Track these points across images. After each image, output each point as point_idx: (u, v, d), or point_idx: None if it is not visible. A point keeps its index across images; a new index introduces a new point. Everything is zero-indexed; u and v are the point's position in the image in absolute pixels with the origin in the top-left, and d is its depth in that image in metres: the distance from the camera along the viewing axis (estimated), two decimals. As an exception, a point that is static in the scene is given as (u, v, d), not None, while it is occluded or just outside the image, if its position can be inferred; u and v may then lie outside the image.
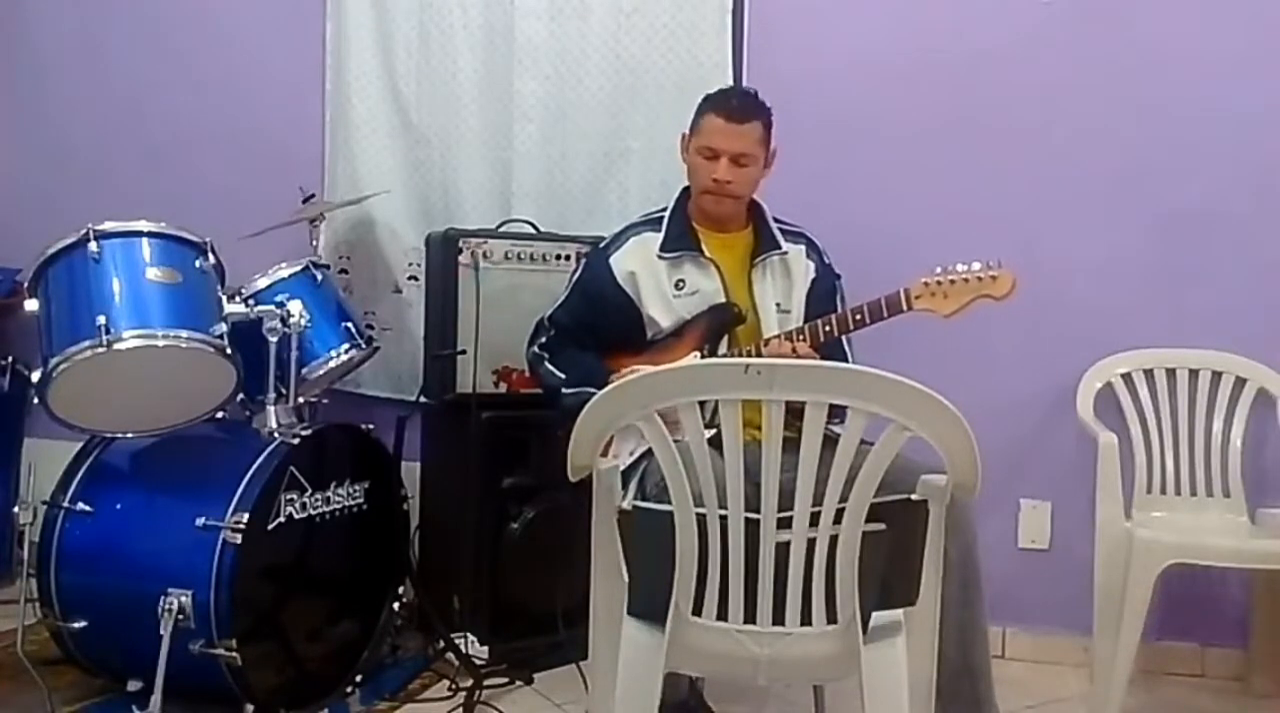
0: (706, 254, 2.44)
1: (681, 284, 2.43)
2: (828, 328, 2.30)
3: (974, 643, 2.16)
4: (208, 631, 2.28)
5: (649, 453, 2.08)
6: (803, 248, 2.51)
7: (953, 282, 2.25)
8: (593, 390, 1.81)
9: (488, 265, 2.88)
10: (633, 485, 2.16)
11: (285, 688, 2.46)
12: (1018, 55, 2.97)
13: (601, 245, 2.55)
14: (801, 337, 2.30)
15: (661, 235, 2.46)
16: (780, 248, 2.47)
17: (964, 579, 2.06)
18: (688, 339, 2.40)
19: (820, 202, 2.58)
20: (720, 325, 2.41)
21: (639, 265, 2.44)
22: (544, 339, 2.53)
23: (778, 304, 2.44)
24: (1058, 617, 2.96)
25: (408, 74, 3.31)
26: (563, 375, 2.44)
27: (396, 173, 3.32)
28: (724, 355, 2.37)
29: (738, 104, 2.44)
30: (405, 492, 2.77)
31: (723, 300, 2.41)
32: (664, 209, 2.53)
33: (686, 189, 2.52)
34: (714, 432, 1.62)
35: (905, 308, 2.26)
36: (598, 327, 2.49)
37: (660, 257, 2.44)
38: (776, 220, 2.52)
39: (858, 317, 2.29)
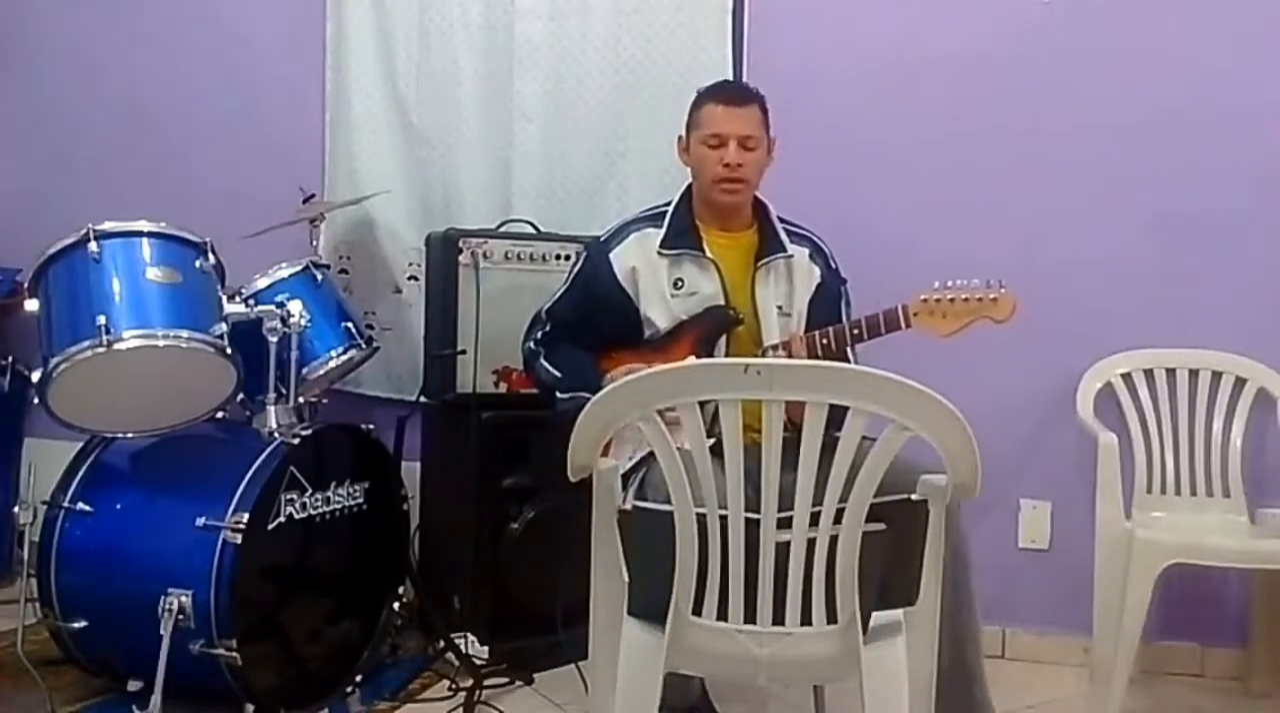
0: (708, 254, 2.41)
1: (680, 283, 2.40)
2: (825, 341, 2.29)
3: (966, 644, 2.17)
4: (208, 631, 2.28)
5: (649, 458, 2.08)
6: (808, 251, 2.47)
7: (952, 300, 2.23)
8: (587, 396, 1.80)
9: (488, 265, 2.88)
10: (631, 490, 2.15)
11: (285, 688, 2.46)
12: (1017, 55, 2.98)
13: (602, 239, 2.51)
14: (800, 343, 2.29)
15: (663, 232, 2.43)
16: (785, 251, 2.43)
17: (955, 581, 2.05)
18: (684, 341, 2.38)
19: (819, 202, 2.58)
20: (717, 328, 2.38)
21: (640, 262, 2.42)
22: (540, 333, 2.50)
23: (779, 307, 2.41)
24: (1058, 617, 2.96)
25: (408, 74, 3.31)
26: (558, 375, 2.42)
27: (396, 173, 3.32)
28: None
29: (733, 89, 2.46)
30: (405, 492, 2.76)
31: (720, 303, 2.39)
32: (667, 204, 2.49)
33: (689, 187, 2.49)
34: (714, 441, 1.61)
35: (904, 325, 2.25)
36: (596, 322, 2.46)
37: (660, 253, 2.41)
38: (782, 220, 2.48)
39: (855, 331, 2.28)
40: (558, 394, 2.39)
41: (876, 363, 2.17)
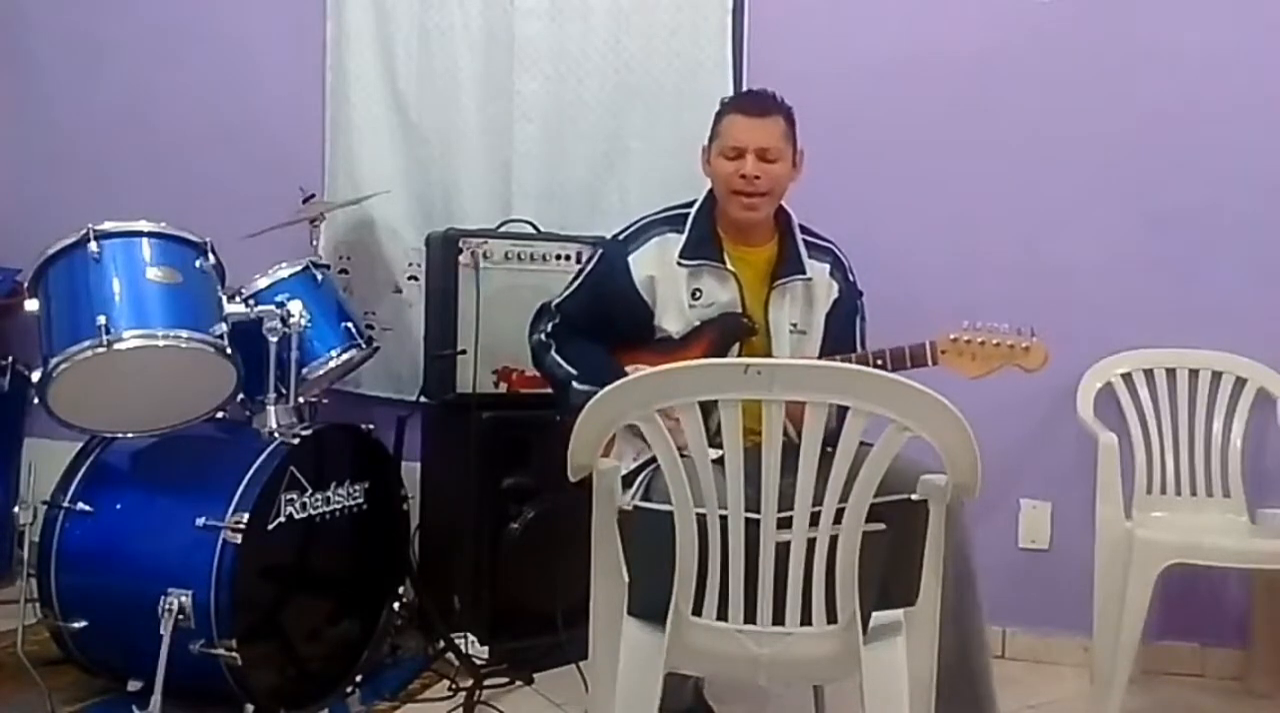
0: (728, 266, 2.37)
1: (698, 294, 2.36)
2: None
3: (971, 646, 2.16)
4: (208, 631, 2.28)
5: (651, 462, 2.08)
6: (827, 266, 2.43)
7: (982, 343, 2.20)
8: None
9: (488, 265, 2.88)
10: (638, 491, 2.14)
11: (285, 688, 2.46)
12: (1017, 55, 2.98)
13: (620, 238, 2.45)
14: None
15: (683, 239, 2.38)
16: (803, 272, 2.38)
17: (959, 582, 2.04)
18: (697, 346, 2.36)
19: (819, 202, 2.57)
20: (731, 335, 2.35)
21: (659, 271, 2.37)
22: (549, 326, 2.46)
23: (793, 325, 2.37)
24: (1058, 617, 2.96)
25: (408, 74, 3.31)
26: (573, 370, 2.38)
27: (396, 173, 3.32)
28: None
29: (756, 99, 2.41)
30: (405, 492, 2.77)
31: (737, 311, 2.36)
32: (688, 206, 2.43)
33: (712, 193, 2.44)
34: (719, 454, 1.61)
35: (930, 362, 2.21)
36: (606, 321, 2.42)
37: (680, 263, 2.36)
38: (804, 230, 2.44)
39: (879, 362, 2.23)
40: (573, 385, 2.35)
41: (876, 363, 2.17)
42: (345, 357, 2.73)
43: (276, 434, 2.49)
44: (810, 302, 2.41)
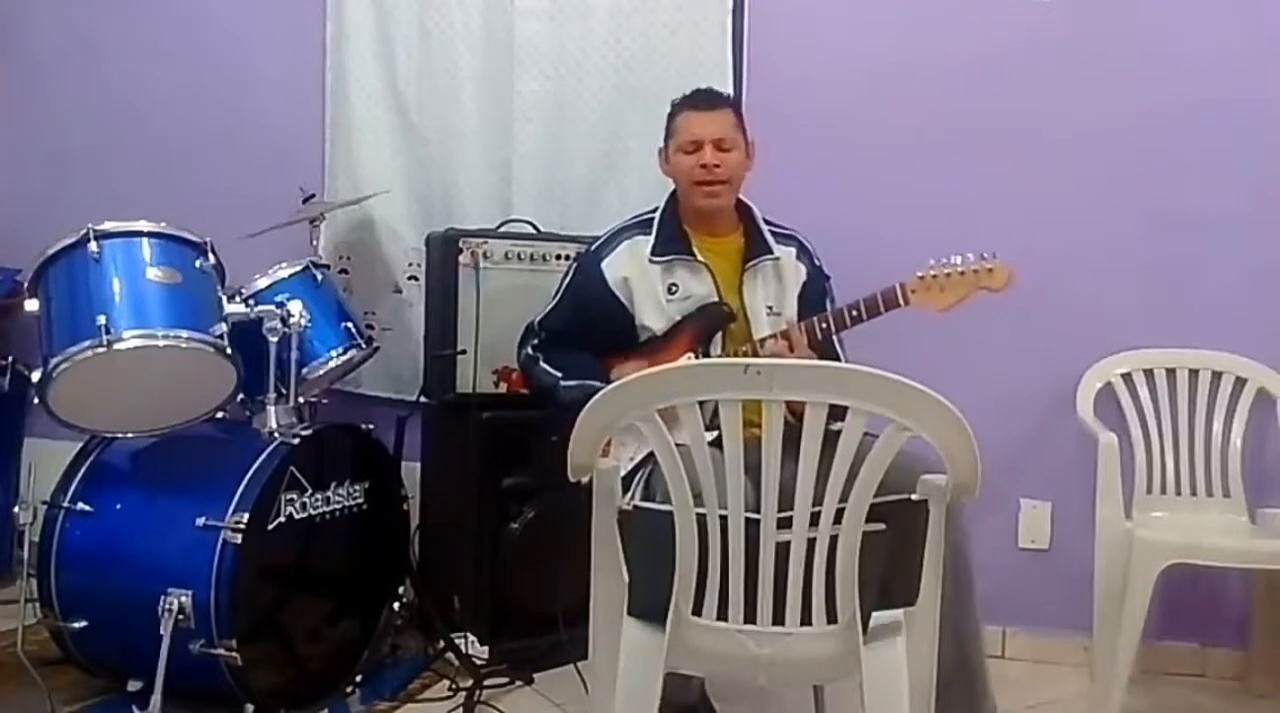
0: (699, 257, 2.43)
1: (674, 288, 2.42)
2: (824, 325, 2.31)
3: (968, 642, 2.17)
4: (208, 631, 2.28)
5: (649, 459, 2.08)
6: (793, 251, 2.50)
7: (948, 275, 2.25)
8: (594, 384, 1.79)
9: (488, 265, 2.88)
10: (638, 490, 2.15)
11: (285, 688, 2.46)
12: (1017, 56, 2.97)
13: (592, 248, 2.53)
14: (799, 331, 2.30)
15: (652, 239, 2.45)
16: (772, 252, 2.46)
17: (956, 579, 2.05)
18: (680, 340, 2.39)
19: (819, 202, 2.58)
20: (712, 325, 2.40)
21: (632, 271, 2.43)
22: (535, 342, 2.52)
23: (769, 307, 2.44)
24: (1058, 617, 2.96)
25: (408, 74, 3.31)
26: (559, 374, 2.42)
27: (396, 173, 3.32)
28: (718, 356, 2.37)
29: (705, 95, 2.51)
30: (405, 492, 2.77)
31: (714, 300, 2.40)
32: (653, 211, 2.51)
33: (674, 193, 2.51)
34: (716, 434, 1.62)
35: (902, 303, 2.26)
36: (589, 331, 2.47)
37: (652, 261, 2.43)
38: (767, 222, 2.50)
39: (854, 313, 2.29)
40: (561, 384, 2.40)
41: (876, 361, 2.17)
42: (345, 357, 2.73)
43: (276, 434, 2.49)
44: (781, 283, 2.47)
